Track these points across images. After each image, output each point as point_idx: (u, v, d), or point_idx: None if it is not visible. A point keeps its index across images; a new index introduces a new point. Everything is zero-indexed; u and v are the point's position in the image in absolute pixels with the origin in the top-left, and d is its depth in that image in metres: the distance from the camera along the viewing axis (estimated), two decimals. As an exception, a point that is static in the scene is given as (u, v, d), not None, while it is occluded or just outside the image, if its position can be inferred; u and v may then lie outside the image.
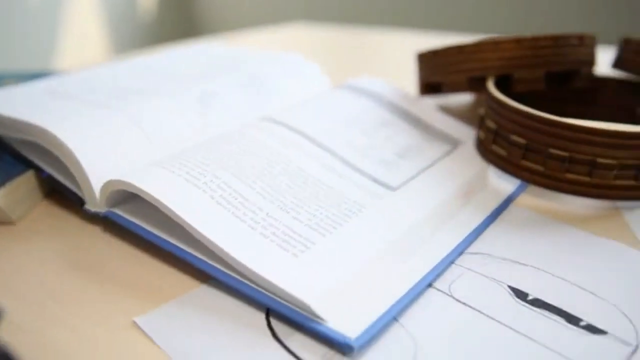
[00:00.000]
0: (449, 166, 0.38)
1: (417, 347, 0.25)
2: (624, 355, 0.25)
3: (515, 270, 0.30)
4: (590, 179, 0.35)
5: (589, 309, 0.27)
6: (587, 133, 0.34)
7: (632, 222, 0.34)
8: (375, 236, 0.31)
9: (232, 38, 0.86)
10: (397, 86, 0.50)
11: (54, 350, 0.25)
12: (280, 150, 0.36)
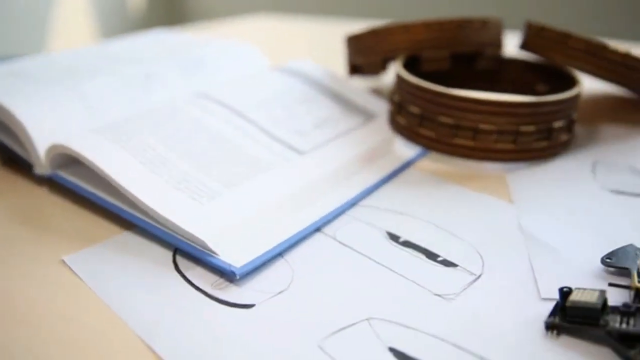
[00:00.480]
0: (359, 135, 0.42)
1: (295, 276, 0.30)
2: (467, 282, 0.29)
3: (395, 219, 0.35)
4: (474, 143, 0.39)
5: (448, 247, 0.32)
6: (469, 102, 0.38)
7: (510, 181, 0.39)
8: (275, 190, 0.35)
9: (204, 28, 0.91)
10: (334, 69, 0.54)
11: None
12: (205, 119, 0.40)
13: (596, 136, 0.45)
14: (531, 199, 0.37)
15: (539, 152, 0.40)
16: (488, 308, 0.28)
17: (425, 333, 0.26)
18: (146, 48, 0.55)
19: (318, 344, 0.25)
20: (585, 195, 0.37)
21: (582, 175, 0.39)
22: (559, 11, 1.58)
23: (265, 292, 0.29)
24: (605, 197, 0.37)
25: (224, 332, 0.26)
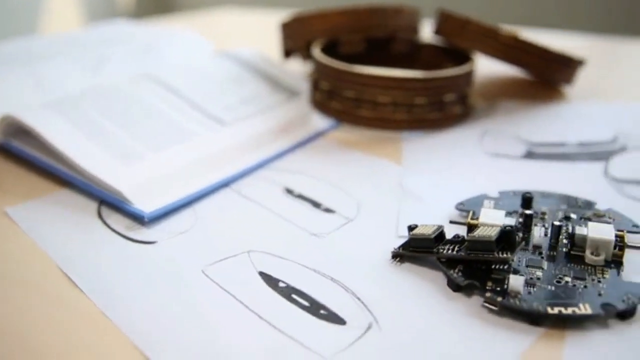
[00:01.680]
0: (280, 110, 0.47)
1: (197, 222, 0.35)
2: (341, 224, 0.34)
3: (295, 178, 0.39)
4: (374, 114, 0.44)
5: (332, 198, 0.37)
6: (368, 78, 0.43)
7: (404, 147, 0.43)
8: (194, 153, 0.40)
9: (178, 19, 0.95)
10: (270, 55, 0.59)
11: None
12: (142, 95, 0.45)
13: (492, 110, 0.50)
14: (418, 162, 0.41)
15: (433, 122, 0.45)
16: (353, 244, 0.32)
17: (293, 261, 0.31)
18: (103, 36, 0.59)
19: (201, 269, 0.30)
20: (466, 159, 0.42)
21: (470, 142, 0.44)
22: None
23: (169, 233, 0.33)
24: (484, 160, 0.41)
25: (131, 264, 0.31)
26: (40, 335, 0.26)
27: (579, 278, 0.28)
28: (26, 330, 0.26)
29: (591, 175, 0.39)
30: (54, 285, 0.29)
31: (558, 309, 0.26)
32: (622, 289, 0.27)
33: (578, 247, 0.29)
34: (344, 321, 0.26)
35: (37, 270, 0.30)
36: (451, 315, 0.27)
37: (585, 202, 0.34)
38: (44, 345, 0.25)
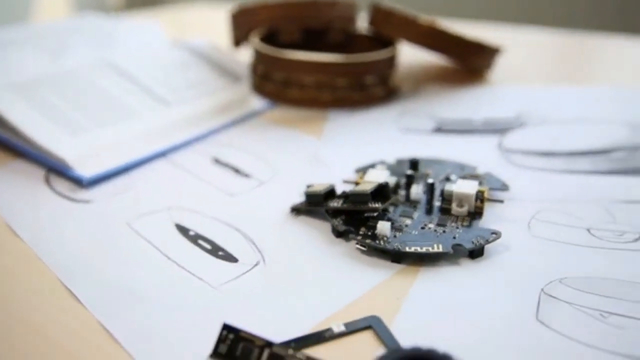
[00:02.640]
0: (222, 93, 0.51)
1: (131, 184, 0.39)
2: (255, 185, 0.38)
3: (223, 149, 0.44)
4: (301, 95, 0.48)
5: (252, 166, 0.41)
6: (295, 62, 0.47)
7: (327, 124, 0.48)
8: (137, 129, 0.44)
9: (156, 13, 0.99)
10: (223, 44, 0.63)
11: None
12: (96, 78, 0.49)
13: (415, 93, 0.54)
14: (336, 136, 0.45)
15: (355, 102, 0.49)
16: (262, 202, 0.36)
17: (206, 216, 0.35)
18: (69, 26, 0.63)
19: (127, 222, 0.34)
20: (381, 134, 0.46)
21: (387, 120, 0.48)
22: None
23: (104, 194, 0.38)
24: (397, 135, 0.46)
25: (67, 218, 0.35)
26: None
27: (441, 225, 0.32)
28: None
29: (488, 147, 0.44)
30: (6, 245, 0.33)
31: (415, 248, 0.30)
32: (475, 233, 0.31)
33: (447, 200, 0.34)
34: (236, 259, 0.31)
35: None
36: (330, 256, 0.31)
37: (470, 167, 0.39)
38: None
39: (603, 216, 0.34)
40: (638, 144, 0.43)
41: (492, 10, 1.47)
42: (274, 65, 0.48)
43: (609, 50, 0.70)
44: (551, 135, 0.45)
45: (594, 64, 0.66)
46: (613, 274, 0.29)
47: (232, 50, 0.61)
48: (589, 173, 0.39)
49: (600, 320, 0.26)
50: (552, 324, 0.26)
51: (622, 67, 0.64)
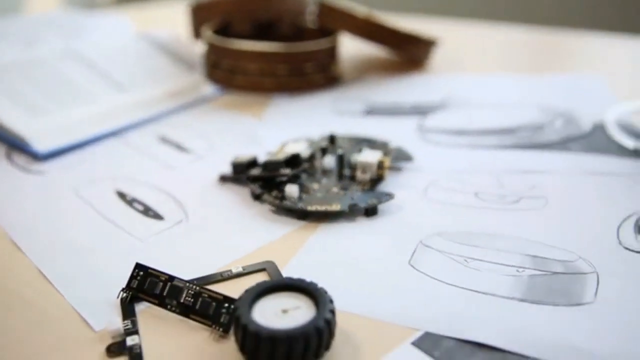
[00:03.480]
0: (176, 79, 0.55)
1: (82, 159, 0.43)
2: (194, 159, 0.43)
3: (173, 130, 0.48)
4: (246, 81, 0.53)
5: (194, 143, 0.45)
6: (239, 52, 0.51)
7: (269, 108, 0.52)
8: (93, 110, 0.48)
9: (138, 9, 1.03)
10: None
11: None
12: (61, 66, 0.53)
13: (356, 81, 0.58)
14: (274, 118, 0.50)
15: (296, 88, 0.53)
16: (197, 172, 0.41)
17: (145, 183, 0.39)
18: (44, 20, 0.67)
19: (74, 190, 0.39)
20: (316, 116, 0.50)
21: (325, 104, 0.52)
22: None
23: (58, 167, 0.42)
24: (331, 117, 0.50)
25: (24, 187, 0.39)
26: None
27: (344, 189, 0.36)
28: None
29: (410, 126, 0.48)
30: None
31: (315, 207, 0.34)
32: (372, 195, 0.36)
33: (353, 168, 0.38)
34: (162, 218, 0.35)
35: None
36: (245, 215, 0.35)
37: (381, 142, 0.43)
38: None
39: (492, 183, 0.39)
40: (541, 123, 0.47)
41: (465, 8, 1.51)
42: (222, 54, 0.53)
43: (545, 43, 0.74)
44: (466, 117, 0.49)
45: (529, 56, 0.70)
46: (486, 229, 0.33)
47: (192, 42, 0.65)
48: (494, 148, 0.44)
49: (463, 265, 0.30)
50: (422, 268, 0.30)
51: (551, 57, 0.68)
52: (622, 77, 0.59)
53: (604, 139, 0.45)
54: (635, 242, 0.32)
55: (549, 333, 0.25)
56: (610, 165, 0.41)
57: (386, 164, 0.38)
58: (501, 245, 0.32)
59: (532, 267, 0.30)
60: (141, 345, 0.25)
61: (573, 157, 0.42)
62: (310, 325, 0.23)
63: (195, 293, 0.27)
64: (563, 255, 0.31)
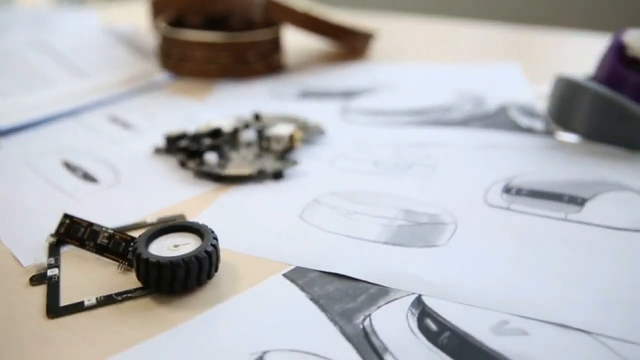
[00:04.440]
0: (131, 66, 0.60)
1: (37, 134, 0.48)
2: (135, 136, 0.47)
3: (122, 111, 0.53)
4: (194, 68, 0.57)
5: (138, 122, 0.50)
6: (186, 42, 0.56)
7: (213, 92, 0.57)
8: (52, 94, 0.53)
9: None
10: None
11: None
12: (27, 54, 0.58)
13: (298, 69, 0.63)
14: (216, 101, 0.55)
15: (238, 74, 0.58)
16: (136, 145, 0.45)
17: (89, 153, 0.44)
18: (18, 14, 0.72)
19: (26, 162, 0.43)
20: (254, 99, 0.55)
21: (264, 89, 0.57)
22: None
23: (14, 142, 0.47)
24: (267, 100, 0.55)
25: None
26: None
27: (258, 157, 0.41)
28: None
29: (335, 108, 0.53)
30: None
31: (228, 172, 0.39)
32: (280, 163, 0.40)
33: (268, 140, 0.43)
34: (97, 181, 0.40)
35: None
36: (170, 180, 0.40)
37: (302, 119, 0.48)
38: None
39: (392, 154, 0.43)
40: (450, 105, 0.52)
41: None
42: (173, 44, 0.57)
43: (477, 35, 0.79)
44: (385, 99, 0.54)
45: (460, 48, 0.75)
46: (374, 189, 0.38)
47: (150, 34, 0.69)
48: (403, 126, 0.48)
49: (345, 217, 0.35)
50: (308, 219, 0.35)
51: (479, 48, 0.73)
52: (540, 66, 0.64)
53: (504, 119, 0.50)
54: (500, 200, 0.37)
55: (398, 267, 0.30)
56: (500, 139, 0.46)
57: (297, 136, 0.43)
58: (382, 202, 0.37)
59: (402, 218, 0.35)
60: (59, 276, 0.30)
61: (469, 132, 0.47)
62: (192, 255, 0.28)
63: (109, 235, 0.32)
64: (431, 209, 0.36)
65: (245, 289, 0.29)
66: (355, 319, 0.27)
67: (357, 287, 0.29)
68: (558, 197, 0.37)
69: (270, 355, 0.25)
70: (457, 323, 0.26)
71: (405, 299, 0.28)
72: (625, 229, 0.33)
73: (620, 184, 0.38)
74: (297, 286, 0.29)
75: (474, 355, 0.25)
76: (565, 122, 0.46)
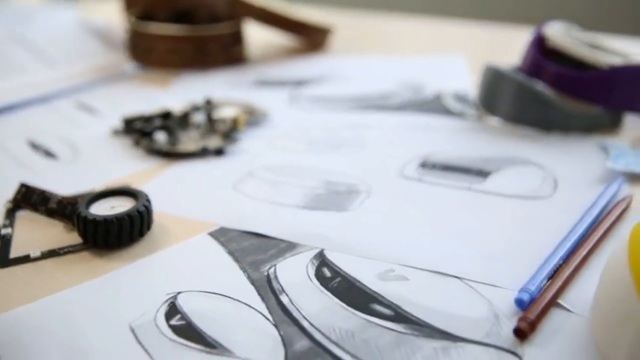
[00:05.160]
0: (102, 57, 0.64)
1: (11, 117, 0.52)
2: (98, 120, 0.51)
3: (90, 99, 0.56)
4: (158, 59, 0.61)
5: (104, 107, 0.54)
6: (150, 34, 0.60)
7: (176, 82, 0.60)
8: (23, 81, 0.57)
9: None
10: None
11: None
12: (5, 45, 0.62)
13: (259, 61, 0.67)
14: (177, 89, 0.58)
15: (201, 65, 0.62)
16: (98, 128, 0.49)
17: (55, 136, 0.48)
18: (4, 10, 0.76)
19: (-6, 139, 0.47)
20: (213, 86, 0.59)
21: (224, 78, 0.61)
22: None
23: (-14, 123, 0.51)
24: (225, 88, 0.59)
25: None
26: None
27: (204, 136, 0.45)
28: None
29: (286, 96, 0.57)
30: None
31: (174, 149, 0.43)
32: (223, 140, 0.44)
33: (216, 122, 0.47)
34: (57, 158, 0.44)
35: None
36: (124, 156, 0.44)
37: (249, 104, 0.51)
38: None
39: (325, 135, 0.47)
40: (390, 93, 0.56)
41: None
42: (140, 37, 0.61)
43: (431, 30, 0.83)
44: (331, 88, 0.58)
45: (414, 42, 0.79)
46: (304, 164, 0.42)
47: (121, 28, 0.73)
48: (344, 110, 0.52)
49: (272, 187, 0.39)
50: (239, 188, 0.39)
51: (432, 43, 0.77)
52: (487, 59, 0.68)
53: (438, 105, 0.53)
54: (414, 173, 0.41)
55: (309, 227, 0.34)
56: (430, 122, 0.49)
57: (241, 119, 0.47)
58: (307, 174, 0.41)
59: (322, 187, 0.39)
60: (12, 234, 0.34)
61: (403, 116, 0.51)
62: (124, 214, 0.32)
63: (58, 200, 0.35)
64: (350, 180, 0.40)
65: (173, 244, 0.33)
66: (262, 268, 0.31)
67: (270, 243, 0.33)
68: (467, 171, 0.41)
69: (182, 295, 0.29)
70: (348, 271, 0.30)
71: (309, 252, 0.32)
72: (520, 197, 0.37)
73: (526, 160, 0.42)
74: (219, 242, 0.33)
75: (358, 296, 0.28)
76: (491, 107, 0.50)
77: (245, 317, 0.27)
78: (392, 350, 0.25)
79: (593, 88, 0.48)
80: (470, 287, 0.29)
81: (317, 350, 0.25)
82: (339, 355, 0.25)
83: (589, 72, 0.47)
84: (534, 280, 0.28)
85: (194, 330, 0.26)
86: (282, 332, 0.26)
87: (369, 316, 0.27)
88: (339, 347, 0.25)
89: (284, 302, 0.28)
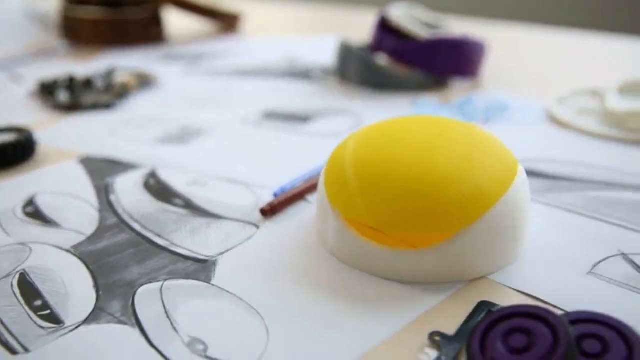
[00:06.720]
0: (36, 36, 0.74)
1: (-49, 85, 0.62)
2: (26, 90, 0.62)
3: (23, 71, 0.67)
4: (84, 36, 0.72)
5: (31, 77, 0.64)
6: (76, 18, 0.71)
7: (97, 58, 0.71)
8: (-32, 57, 0.67)
9: None
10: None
11: None
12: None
13: (177, 41, 0.78)
14: (99, 62, 0.69)
15: (120, 44, 0.72)
16: (21, 93, 0.60)
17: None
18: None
19: None
20: (127, 61, 0.69)
21: (144, 55, 0.72)
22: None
23: None
24: (138, 62, 0.69)
25: None
26: None
27: (100, 94, 0.56)
28: None
29: (183, 67, 0.67)
30: None
31: (71, 103, 0.53)
32: (112, 97, 0.55)
33: (111, 86, 0.57)
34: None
35: None
36: (33, 111, 0.54)
37: (144, 72, 0.62)
38: None
39: (200, 95, 0.58)
40: (270, 64, 0.67)
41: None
42: (69, 19, 0.72)
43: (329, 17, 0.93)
44: (225, 62, 0.69)
45: (317, 26, 0.89)
46: (172, 116, 0.53)
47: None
48: (230, 76, 0.63)
49: (141, 129, 0.50)
50: (119, 133, 0.50)
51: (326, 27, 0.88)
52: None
53: (305, 73, 0.64)
54: (256, 120, 0.51)
55: (155, 154, 0.45)
56: (292, 86, 0.60)
57: (131, 83, 0.57)
58: (170, 121, 0.51)
59: (177, 129, 0.49)
60: None
61: (273, 82, 0.61)
62: (9, 143, 0.42)
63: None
64: (198, 125, 0.50)
65: (47, 166, 0.44)
66: (106, 179, 0.41)
67: (122, 165, 0.43)
68: (295, 118, 0.52)
69: (38, 196, 0.39)
70: (166, 179, 0.41)
71: (144, 169, 0.43)
72: (326, 136, 0.48)
73: (347, 110, 0.53)
74: (83, 166, 0.44)
75: (165, 194, 0.39)
76: (343, 75, 0.61)
77: (78, 207, 0.38)
78: (171, 224, 0.36)
79: (416, 57, 0.58)
80: (249, 189, 0.40)
81: (121, 226, 0.36)
82: (135, 228, 0.35)
83: (411, 43, 0.58)
84: (291, 183, 0.39)
85: (39, 214, 0.37)
86: (101, 214, 0.37)
87: (166, 204, 0.38)
88: (137, 223, 0.36)
89: (111, 199, 0.39)
